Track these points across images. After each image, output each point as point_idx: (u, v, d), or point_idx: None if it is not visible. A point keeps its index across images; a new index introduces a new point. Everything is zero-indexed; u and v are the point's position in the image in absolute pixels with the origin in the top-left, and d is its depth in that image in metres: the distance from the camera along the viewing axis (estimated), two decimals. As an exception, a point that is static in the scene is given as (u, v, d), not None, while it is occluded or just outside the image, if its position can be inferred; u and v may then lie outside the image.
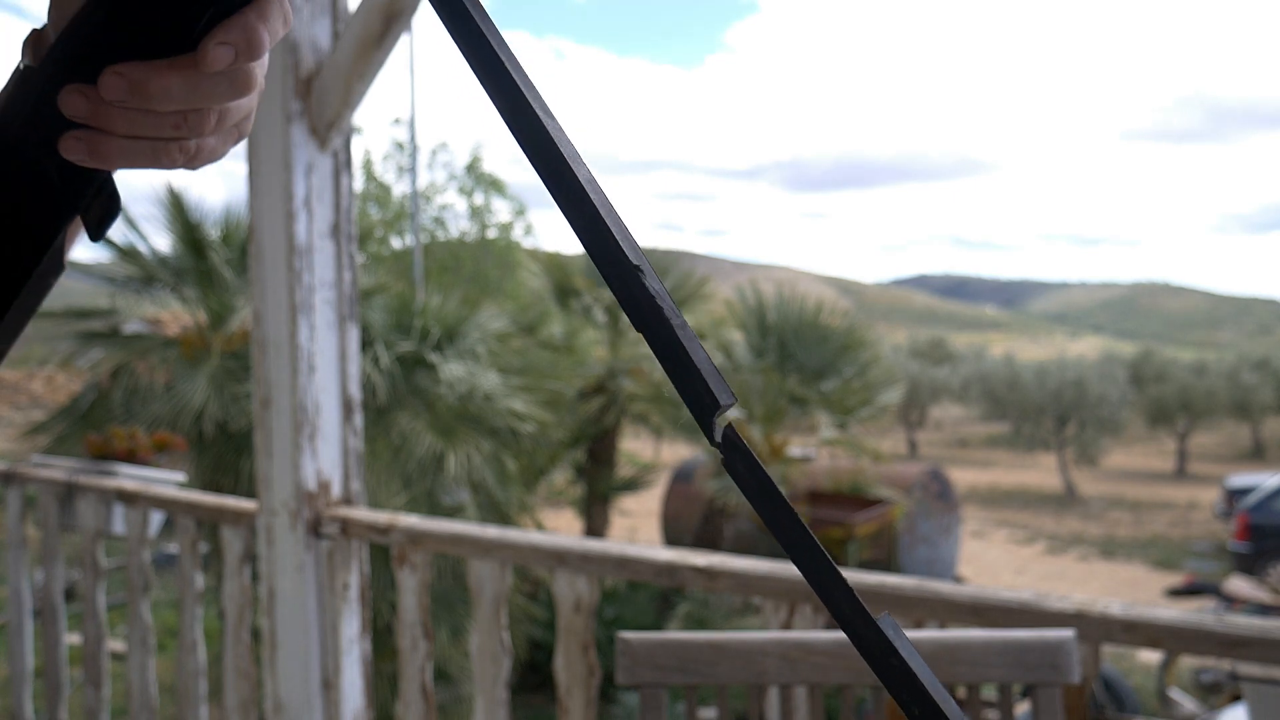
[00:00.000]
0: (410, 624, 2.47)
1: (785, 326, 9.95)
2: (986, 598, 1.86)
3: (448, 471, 7.09)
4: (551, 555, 2.26)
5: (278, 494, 2.52)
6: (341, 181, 2.56)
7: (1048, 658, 1.28)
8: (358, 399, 2.63)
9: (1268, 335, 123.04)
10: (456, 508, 7.31)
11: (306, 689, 2.54)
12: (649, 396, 9.96)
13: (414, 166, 14.13)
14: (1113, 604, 1.80)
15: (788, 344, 9.90)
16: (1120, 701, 6.64)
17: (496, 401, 7.52)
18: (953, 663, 1.29)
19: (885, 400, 10.01)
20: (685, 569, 2.11)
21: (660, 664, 1.31)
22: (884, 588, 1.96)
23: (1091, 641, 1.79)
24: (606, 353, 10.63)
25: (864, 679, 1.31)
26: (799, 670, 1.31)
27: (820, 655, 1.31)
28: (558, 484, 11.25)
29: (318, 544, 2.54)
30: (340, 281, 2.57)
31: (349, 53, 2.39)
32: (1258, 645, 1.67)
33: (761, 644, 1.31)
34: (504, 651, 2.37)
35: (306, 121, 2.46)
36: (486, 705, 2.37)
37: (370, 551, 2.64)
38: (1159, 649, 1.78)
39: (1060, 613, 1.79)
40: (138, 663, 3.16)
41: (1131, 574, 17.28)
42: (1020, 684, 1.29)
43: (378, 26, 2.33)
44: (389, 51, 2.37)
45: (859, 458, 10.00)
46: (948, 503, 11.63)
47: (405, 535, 2.43)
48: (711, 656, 1.31)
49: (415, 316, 7.68)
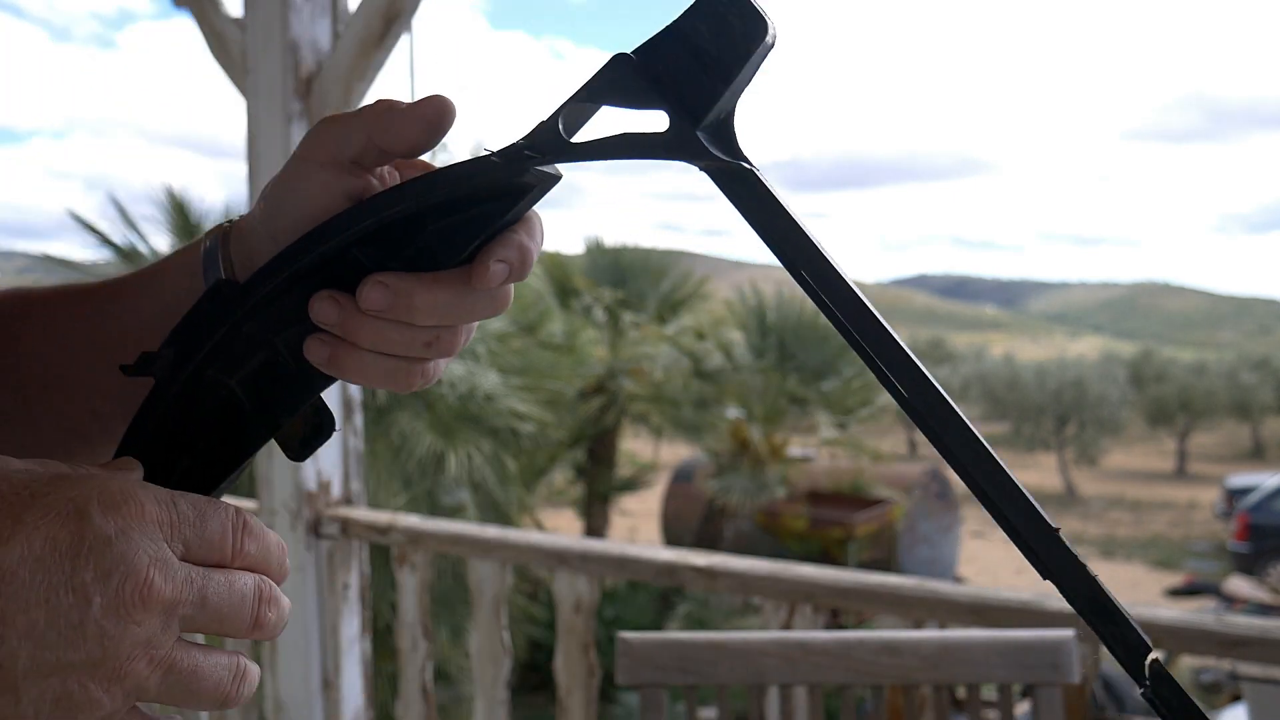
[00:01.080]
0: (410, 624, 2.47)
1: (785, 326, 9.96)
2: (987, 598, 1.86)
3: (448, 471, 7.09)
4: (551, 555, 2.26)
5: (278, 494, 2.53)
6: (342, 181, 2.56)
7: (1048, 658, 1.28)
8: (358, 399, 2.63)
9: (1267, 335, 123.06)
10: (456, 508, 7.32)
11: (307, 689, 2.54)
12: (649, 396, 9.96)
13: (414, 166, 14.11)
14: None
15: (788, 344, 9.90)
16: (1120, 702, 6.65)
17: (497, 401, 7.52)
18: (953, 663, 1.29)
19: (885, 400, 10.01)
20: (685, 569, 2.12)
21: (660, 664, 1.31)
22: (884, 588, 1.96)
23: (1092, 641, 1.79)
24: (606, 353, 10.64)
25: (863, 679, 1.31)
26: (799, 670, 1.31)
27: (820, 655, 1.31)
28: (558, 484, 11.26)
29: (318, 544, 2.54)
30: (340, 281, 2.57)
31: (349, 53, 2.39)
32: (1257, 645, 1.67)
33: (761, 644, 1.31)
34: (504, 651, 2.37)
35: (307, 122, 2.46)
36: (486, 705, 2.37)
37: (370, 551, 2.65)
38: (1159, 649, 1.79)
39: (1060, 612, 1.79)
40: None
41: (1131, 574, 17.29)
42: (1020, 684, 1.29)
43: (378, 27, 2.33)
44: (389, 52, 2.37)
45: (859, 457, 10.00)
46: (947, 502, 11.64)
47: (405, 535, 2.43)
48: (711, 656, 1.31)
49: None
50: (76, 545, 0.36)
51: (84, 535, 0.37)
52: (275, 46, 2.40)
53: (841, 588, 1.98)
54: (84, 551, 0.36)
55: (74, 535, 0.37)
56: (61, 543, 0.36)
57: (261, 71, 2.43)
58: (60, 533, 0.36)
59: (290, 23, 2.38)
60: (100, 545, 0.37)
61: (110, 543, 0.37)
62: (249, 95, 2.48)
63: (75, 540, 0.36)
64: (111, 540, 0.37)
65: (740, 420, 9.73)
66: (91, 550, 0.36)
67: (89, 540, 0.37)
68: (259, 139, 2.48)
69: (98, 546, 0.37)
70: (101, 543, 0.37)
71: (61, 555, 0.36)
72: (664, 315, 10.77)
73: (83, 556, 0.36)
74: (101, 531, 0.37)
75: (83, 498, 0.37)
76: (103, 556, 0.36)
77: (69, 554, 0.36)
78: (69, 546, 0.36)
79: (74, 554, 0.36)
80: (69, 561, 0.36)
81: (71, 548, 0.36)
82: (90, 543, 0.37)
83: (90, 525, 0.37)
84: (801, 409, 9.74)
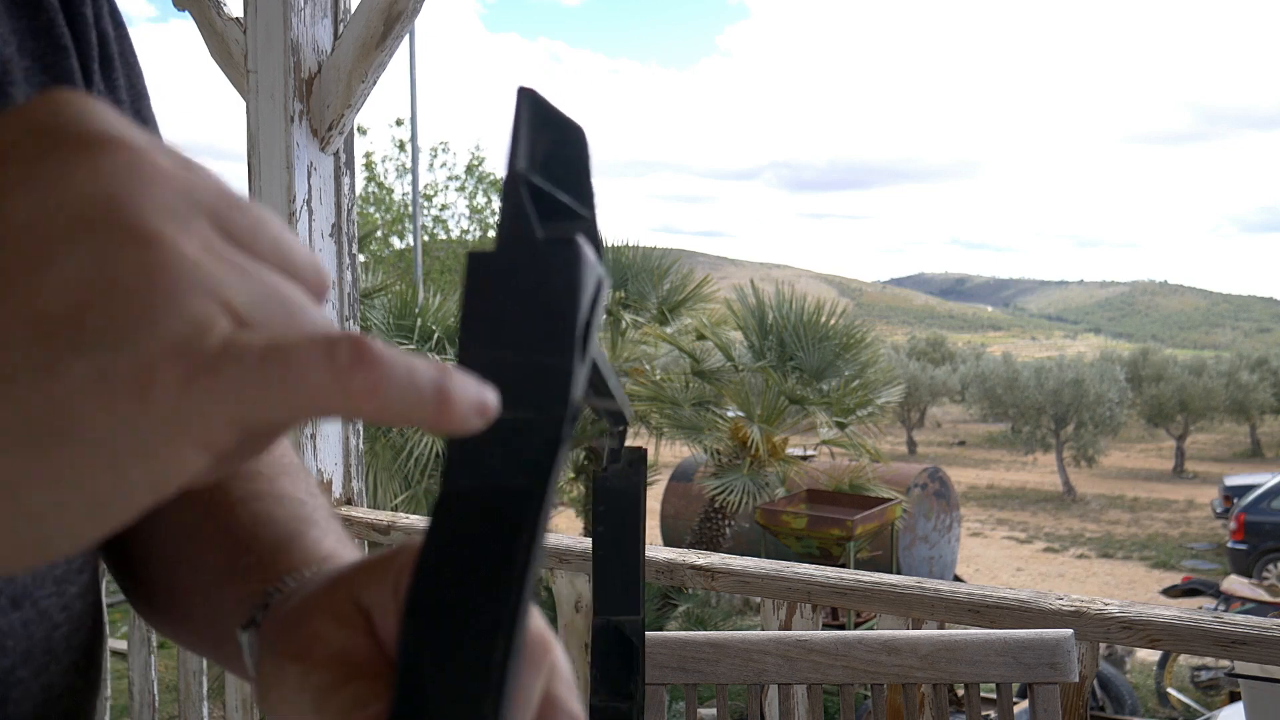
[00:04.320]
0: (411, 623, 2.47)
1: (785, 326, 9.96)
2: (985, 597, 1.87)
3: (447, 471, 7.08)
4: (552, 555, 2.27)
5: (279, 494, 2.53)
6: (342, 182, 2.57)
7: (1046, 657, 1.29)
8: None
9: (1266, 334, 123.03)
10: (456, 507, 7.30)
11: (307, 688, 2.54)
12: (649, 396, 9.96)
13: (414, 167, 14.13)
14: (1111, 603, 1.81)
15: (787, 344, 9.90)
16: (1118, 701, 6.65)
17: (496, 401, 7.52)
18: (951, 662, 1.30)
19: (884, 400, 10.02)
20: (685, 568, 2.12)
21: (660, 663, 1.31)
22: (883, 587, 1.97)
23: (1090, 640, 1.80)
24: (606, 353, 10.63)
25: (863, 677, 1.31)
26: (798, 669, 1.31)
27: (819, 654, 1.32)
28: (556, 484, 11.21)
29: (319, 543, 2.55)
30: (341, 282, 2.58)
31: (350, 53, 2.40)
32: (1255, 644, 1.68)
33: (761, 643, 1.32)
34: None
35: (308, 123, 2.47)
36: (487, 704, 2.38)
37: (370, 551, 2.65)
38: (1157, 648, 1.79)
39: (1058, 612, 1.79)
40: (139, 661, 3.16)
41: (1129, 573, 17.31)
42: (1019, 683, 1.30)
43: (379, 27, 2.33)
44: (390, 52, 2.38)
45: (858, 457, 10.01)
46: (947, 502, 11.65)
47: (405, 535, 2.44)
48: (711, 655, 1.32)
49: (415, 316, 7.68)
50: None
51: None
52: (277, 47, 2.40)
53: (840, 587, 1.99)
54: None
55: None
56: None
57: (263, 72, 2.44)
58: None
59: (291, 23, 2.38)
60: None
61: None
62: (249, 96, 2.48)
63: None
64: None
65: (740, 420, 9.73)
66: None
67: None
68: (260, 140, 2.49)
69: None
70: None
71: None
72: (664, 315, 10.77)
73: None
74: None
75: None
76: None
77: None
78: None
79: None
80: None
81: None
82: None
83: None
84: (801, 409, 9.74)
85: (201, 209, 0.26)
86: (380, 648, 0.39)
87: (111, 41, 0.60)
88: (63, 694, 0.55)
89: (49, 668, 0.53)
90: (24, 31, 0.53)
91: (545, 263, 0.31)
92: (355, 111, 2.46)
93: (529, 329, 0.30)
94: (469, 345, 0.30)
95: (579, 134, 0.36)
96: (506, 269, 0.31)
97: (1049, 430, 27.05)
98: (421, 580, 0.31)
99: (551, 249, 0.31)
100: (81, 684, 0.57)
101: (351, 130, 2.55)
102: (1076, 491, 25.62)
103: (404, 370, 0.25)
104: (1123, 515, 23.04)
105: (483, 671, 0.29)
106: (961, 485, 21.95)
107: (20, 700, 0.51)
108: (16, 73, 0.52)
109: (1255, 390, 31.06)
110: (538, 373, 0.30)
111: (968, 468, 30.52)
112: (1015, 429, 28.30)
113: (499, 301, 0.30)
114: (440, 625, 0.30)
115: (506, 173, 0.33)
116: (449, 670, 0.30)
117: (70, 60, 0.55)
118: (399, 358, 0.25)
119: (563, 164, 0.36)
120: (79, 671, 0.57)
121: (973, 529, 20.76)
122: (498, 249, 0.31)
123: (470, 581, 0.30)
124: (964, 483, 24.86)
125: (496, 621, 0.29)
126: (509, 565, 0.30)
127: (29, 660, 0.52)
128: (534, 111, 0.34)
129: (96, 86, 0.58)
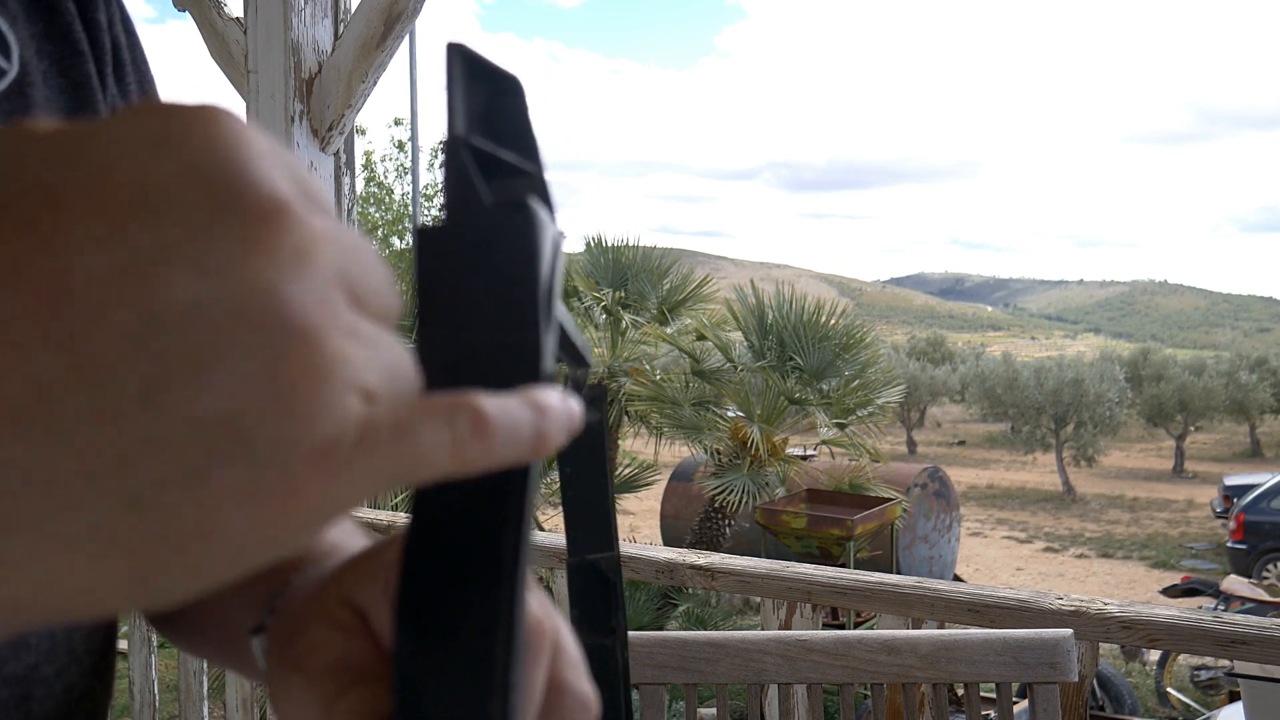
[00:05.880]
0: (411, 623, 2.47)
1: (785, 326, 9.96)
2: (985, 597, 1.87)
3: (447, 471, 7.08)
4: (552, 554, 2.27)
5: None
6: (343, 182, 2.57)
7: (1045, 656, 1.29)
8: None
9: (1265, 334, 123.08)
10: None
11: (308, 688, 2.54)
12: (649, 396, 9.96)
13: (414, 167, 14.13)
14: (1111, 603, 1.81)
15: (787, 344, 9.91)
16: (1118, 700, 6.66)
17: (496, 401, 7.52)
18: (951, 661, 1.30)
19: (885, 400, 10.02)
20: (685, 567, 2.12)
21: (660, 663, 1.32)
22: (883, 586, 1.97)
23: (1089, 640, 1.80)
24: (606, 352, 10.64)
25: (862, 677, 1.31)
26: (798, 669, 1.32)
27: (819, 654, 1.32)
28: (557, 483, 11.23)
29: (319, 543, 2.55)
30: (341, 282, 2.58)
31: (350, 53, 2.40)
32: (1255, 644, 1.68)
33: (761, 642, 1.32)
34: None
35: (308, 123, 2.47)
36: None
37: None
38: (1157, 648, 1.80)
39: (1058, 611, 1.80)
40: (140, 661, 3.17)
41: (1129, 573, 17.32)
42: (1018, 682, 1.30)
43: (379, 27, 2.34)
44: (390, 52, 2.38)
45: (858, 457, 10.01)
46: (947, 502, 11.65)
47: (406, 535, 2.44)
48: (711, 655, 1.32)
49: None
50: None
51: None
52: (277, 47, 2.40)
53: (840, 587, 1.99)
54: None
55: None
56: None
57: (263, 72, 2.44)
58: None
59: (292, 23, 2.39)
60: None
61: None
62: (250, 96, 2.48)
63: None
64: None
65: (740, 420, 9.73)
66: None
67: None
68: (260, 140, 2.49)
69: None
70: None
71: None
72: (664, 315, 10.78)
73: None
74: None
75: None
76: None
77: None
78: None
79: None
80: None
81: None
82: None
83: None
84: (801, 409, 9.74)
85: (342, 281, 0.25)
86: (380, 649, 0.39)
87: (124, 48, 0.60)
88: (82, 696, 0.55)
89: (70, 668, 0.54)
90: (41, 35, 0.54)
91: (498, 231, 0.29)
92: (355, 112, 2.47)
93: (489, 305, 0.28)
94: (427, 328, 0.29)
95: (515, 85, 0.35)
96: (458, 242, 0.29)
97: (1049, 430, 27.07)
98: (409, 581, 0.29)
99: (502, 215, 0.29)
100: (99, 687, 0.57)
101: (352, 130, 2.55)
102: (1076, 491, 25.63)
103: (511, 427, 0.26)
104: (1122, 515, 23.05)
105: (485, 672, 0.28)
106: (961, 485, 21.96)
107: (44, 699, 0.52)
108: (35, 74, 0.52)
109: (1255, 390, 31.08)
110: (504, 351, 0.28)
111: (968, 467, 30.54)
112: (1015, 429, 28.32)
113: (454, 278, 0.28)
114: (434, 628, 0.29)
115: (446, 137, 0.31)
116: (449, 674, 0.29)
117: (87, 64, 0.56)
118: (505, 413, 0.26)
119: (502, 118, 0.34)
120: (97, 674, 0.57)
121: (972, 529, 20.77)
122: (446, 221, 0.29)
123: (459, 578, 0.29)
124: (964, 482, 24.88)
125: (493, 617, 0.28)
126: (498, 556, 0.28)
127: (52, 658, 0.52)
128: (467, 68, 0.33)
129: (110, 91, 0.59)
